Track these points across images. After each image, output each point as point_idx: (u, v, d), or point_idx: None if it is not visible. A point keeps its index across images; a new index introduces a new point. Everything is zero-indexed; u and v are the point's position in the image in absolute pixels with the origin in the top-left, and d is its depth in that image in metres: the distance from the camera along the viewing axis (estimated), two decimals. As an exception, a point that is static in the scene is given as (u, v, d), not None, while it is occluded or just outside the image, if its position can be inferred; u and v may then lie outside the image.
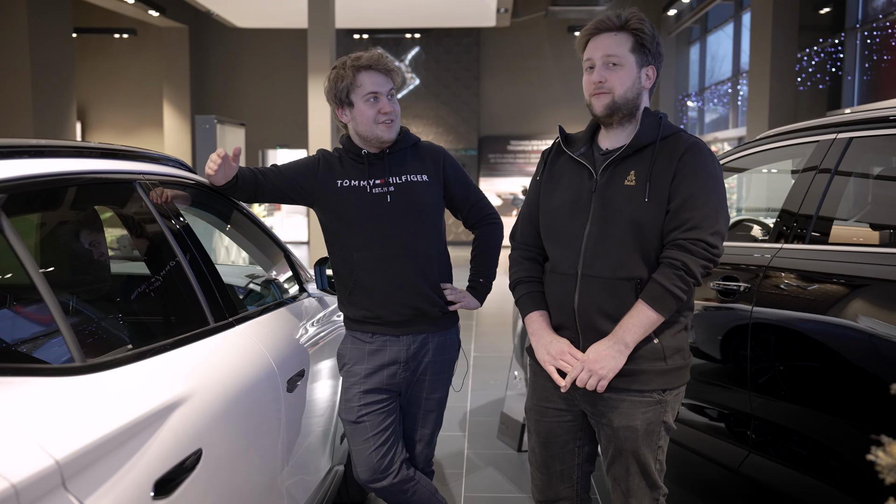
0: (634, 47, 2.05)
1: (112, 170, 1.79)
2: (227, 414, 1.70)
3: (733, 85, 14.44)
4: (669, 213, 1.99)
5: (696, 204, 1.97)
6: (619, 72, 2.04)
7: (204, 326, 1.84)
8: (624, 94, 2.05)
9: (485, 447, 4.33)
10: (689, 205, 1.97)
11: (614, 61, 2.04)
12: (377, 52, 2.50)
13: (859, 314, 2.45)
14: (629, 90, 2.05)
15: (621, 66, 2.04)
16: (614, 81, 2.04)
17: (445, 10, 14.49)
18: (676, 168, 2.00)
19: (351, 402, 2.51)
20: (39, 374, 1.25)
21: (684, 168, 1.99)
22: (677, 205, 1.98)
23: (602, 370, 1.98)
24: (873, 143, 2.76)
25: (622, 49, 2.04)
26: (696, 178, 1.98)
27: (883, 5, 9.64)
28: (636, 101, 2.07)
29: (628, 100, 2.06)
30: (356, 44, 17.53)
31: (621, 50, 2.04)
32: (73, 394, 1.27)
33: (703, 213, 1.96)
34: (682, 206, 1.97)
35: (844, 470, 2.47)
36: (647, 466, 2.07)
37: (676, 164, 2.00)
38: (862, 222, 2.98)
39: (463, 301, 2.61)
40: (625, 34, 2.05)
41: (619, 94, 2.05)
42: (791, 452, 2.71)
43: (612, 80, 2.04)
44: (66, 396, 1.25)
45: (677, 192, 1.98)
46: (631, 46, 2.04)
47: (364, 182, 2.50)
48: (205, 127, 8.88)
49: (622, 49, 2.04)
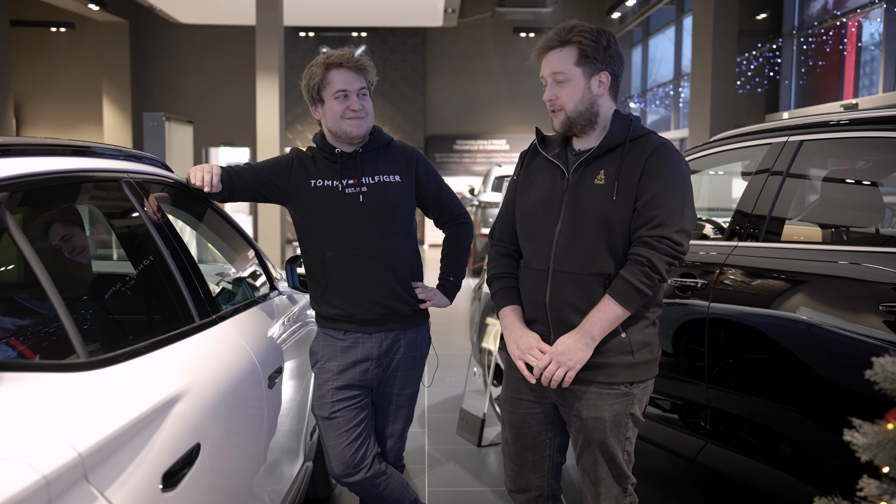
0: (579, 60, 2.11)
1: (99, 168, 1.79)
2: (220, 409, 1.73)
3: (675, 87, 14.81)
4: (636, 210, 2.08)
5: (661, 202, 2.05)
6: (566, 87, 2.12)
7: (191, 324, 1.86)
8: (575, 108, 2.13)
9: (445, 443, 4.40)
10: (654, 203, 2.05)
11: (559, 78, 2.13)
12: (349, 51, 2.53)
13: (807, 308, 2.60)
14: (579, 103, 2.13)
15: (568, 81, 2.12)
16: (564, 98, 2.13)
17: (393, 10, 14.51)
18: (644, 167, 2.08)
19: (324, 398, 2.55)
20: (48, 370, 1.27)
21: (651, 167, 2.08)
22: (643, 203, 2.06)
23: (569, 362, 2.05)
24: (822, 146, 2.92)
25: (566, 64, 2.11)
26: (662, 177, 2.07)
27: (818, 13, 10.04)
28: (591, 111, 2.14)
29: (581, 112, 2.14)
30: (302, 42, 17.42)
31: (566, 65, 2.11)
32: (81, 389, 1.29)
33: (668, 211, 2.05)
34: (647, 204, 2.06)
35: (796, 455, 2.61)
36: (614, 457, 2.15)
37: (644, 163, 2.08)
38: (812, 222, 3.14)
39: (434, 299, 2.66)
40: (569, 48, 2.12)
41: (570, 108, 2.13)
42: (745, 441, 2.84)
43: (562, 97, 2.13)
44: (76, 392, 1.27)
45: (644, 191, 2.07)
46: (575, 59, 2.11)
47: (337, 182, 2.53)
48: (153, 124, 8.73)
49: (566, 64, 2.11)
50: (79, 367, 1.33)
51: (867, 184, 3.12)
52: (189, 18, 15.40)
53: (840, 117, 2.82)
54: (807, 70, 10.11)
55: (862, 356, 2.39)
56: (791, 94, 10.40)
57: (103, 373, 1.37)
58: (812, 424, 2.56)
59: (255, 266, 2.84)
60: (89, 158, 1.80)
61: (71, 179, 1.65)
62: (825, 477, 2.49)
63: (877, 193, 3.06)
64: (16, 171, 1.42)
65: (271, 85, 10.29)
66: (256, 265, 2.84)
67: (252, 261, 2.83)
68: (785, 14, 10.50)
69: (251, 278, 2.77)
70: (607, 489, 2.16)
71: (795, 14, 10.43)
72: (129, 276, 1.95)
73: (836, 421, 2.46)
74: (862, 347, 2.39)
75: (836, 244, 2.91)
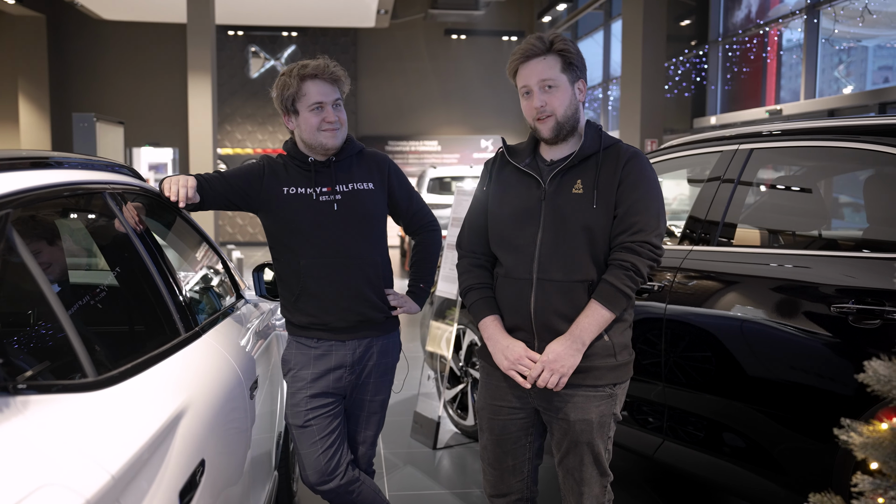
0: (564, 67, 2.18)
1: (83, 181, 1.75)
2: (217, 423, 1.71)
3: (604, 90, 15.15)
4: (617, 217, 2.15)
5: (640, 209, 2.14)
6: (556, 93, 2.18)
7: (177, 337, 1.84)
8: (564, 112, 2.19)
9: (400, 446, 4.41)
10: (634, 210, 2.14)
11: (549, 84, 2.18)
12: (323, 61, 2.52)
13: (758, 309, 2.73)
14: (568, 108, 2.19)
15: (557, 87, 2.18)
16: (554, 103, 2.18)
17: (324, 10, 14.40)
18: (621, 176, 2.16)
19: (298, 406, 2.54)
20: (63, 391, 1.24)
21: (628, 176, 2.16)
22: (624, 210, 2.14)
23: (562, 368, 2.10)
24: (772, 154, 3.06)
25: (554, 71, 2.18)
26: (639, 185, 2.16)
27: (742, 21, 10.44)
28: (576, 116, 2.22)
29: (569, 117, 2.20)
30: (231, 41, 17.10)
31: (553, 72, 2.17)
32: (96, 409, 1.27)
33: (647, 217, 2.14)
34: (627, 211, 2.14)
35: (751, 449, 2.74)
36: (599, 455, 2.22)
37: (621, 172, 2.16)
38: (761, 227, 3.28)
39: (405, 306, 2.68)
40: (553, 56, 2.18)
41: (561, 113, 2.19)
42: (701, 437, 2.96)
43: (553, 103, 2.18)
44: (92, 412, 1.25)
45: (623, 199, 2.15)
46: (560, 67, 2.18)
47: (311, 190, 2.52)
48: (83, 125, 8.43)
49: (554, 71, 2.18)
50: (90, 386, 1.31)
51: (811, 190, 3.29)
52: (112, 15, 14.94)
53: (789, 127, 2.97)
54: (732, 76, 10.51)
55: (812, 353, 2.54)
56: (717, 99, 10.78)
57: (113, 391, 1.35)
58: (765, 419, 2.69)
59: (223, 275, 2.80)
60: (70, 171, 1.75)
61: (57, 194, 1.61)
62: (777, 468, 2.62)
63: (820, 199, 3.22)
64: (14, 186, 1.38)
65: (203, 85, 10.09)
66: (224, 274, 2.81)
67: (219, 269, 2.80)
68: (710, 21, 10.88)
69: (220, 287, 2.73)
70: (590, 488, 2.23)
71: (720, 21, 10.82)
72: (119, 290, 1.91)
73: (788, 415, 2.60)
74: (812, 345, 2.54)
75: (785, 248, 3.05)
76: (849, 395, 2.41)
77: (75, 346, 1.32)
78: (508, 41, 18.01)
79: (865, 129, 2.68)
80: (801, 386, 2.58)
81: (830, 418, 2.46)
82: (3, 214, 1.28)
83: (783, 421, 2.64)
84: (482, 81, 17.98)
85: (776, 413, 2.66)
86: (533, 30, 17.83)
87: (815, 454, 2.51)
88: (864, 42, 8.88)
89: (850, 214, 4.25)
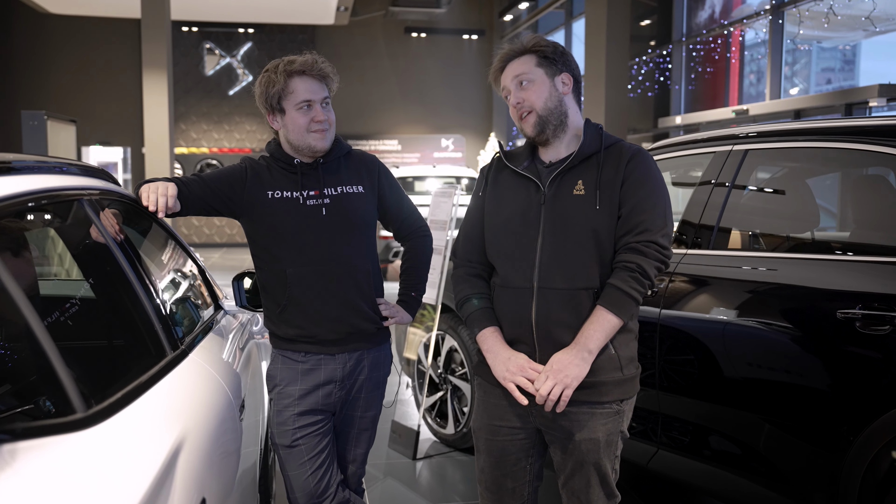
0: (539, 62, 2.10)
1: (58, 187, 1.57)
2: (214, 455, 1.55)
3: (565, 90, 15.15)
4: (622, 217, 2.03)
5: (645, 207, 2.02)
6: (531, 87, 2.09)
7: (164, 357, 1.67)
8: (545, 105, 2.09)
9: (378, 457, 4.26)
10: (639, 209, 2.02)
11: (523, 79, 2.10)
12: (311, 57, 2.36)
13: (756, 314, 2.66)
14: (548, 100, 2.09)
15: (532, 81, 2.09)
16: (531, 97, 2.09)
17: (283, 6, 14.13)
18: (624, 174, 2.05)
19: (285, 425, 2.38)
20: (54, 432, 1.07)
21: (632, 174, 2.05)
22: (629, 209, 2.03)
23: (567, 378, 1.96)
24: (768, 155, 2.99)
25: (527, 66, 2.10)
26: (644, 183, 2.04)
27: (706, 21, 10.49)
28: (561, 109, 2.11)
29: (551, 110, 2.09)
30: (185, 37, 16.69)
31: (526, 67, 2.10)
32: (90, 451, 1.10)
33: (652, 217, 2.02)
34: (633, 210, 2.02)
35: (752, 458, 2.67)
36: (606, 476, 2.10)
37: (624, 170, 2.05)
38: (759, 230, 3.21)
39: (397, 316, 2.54)
40: (528, 55, 2.11)
41: (540, 106, 2.09)
42: (698, 446, 2.88)
43: (529, 96, 2.09)
44: (86, 455, 1.08)
45: (627, 198, 2.03)
46: (535, 62, 2.10)
47: (297, 193, 2.37)
48: (32, 123, 8.05)
49: (527, 66, 2.10)
50: (80, 424, 1.14)
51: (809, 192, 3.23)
52: (59, 8, 14.44)
53: (785, 127, 2.91)
54: (696, 76, 10.56)
55: (817, 360, 2.48)
56: (681, 98, 10.83)
57: (105, 428, 1.18)
58: (767, 427, 2.62)
59: (202, 285, 2.62)
60: (42, 176, 1.57)
61: (29, 203, 1.44)
62: (780, 477, 2.56)
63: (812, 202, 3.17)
64: None
65: (159, 82, 9.80)
66: (202, 284, 2.63)
67: (198, 279, 2.62)
68: (674, 21, 10.93)
69: (199, 299, 2.55)
70: None
71: (684, 22, 10.87)
72: (99, 306, 1.73)
73: (791, 423, 2.54)
74: (816, 352, 2.48)
75: (784, 252, 2.98)
76: (856, 401, 2.35)
77: (60, 374, 1.15)
78: (469, 40, 17.92)
79: (865, 130, 2.62)
80: (806, 393, 2.51)
81: (837, 426, 2.41)
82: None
83: (787, 429, 2.57)
84: (442, 80, 17.86)
85: (779, 421, 2.59)
86: (493, 28, 17.76)
87: (821, 463, 2.44)
88: (824, 44, 9.01)
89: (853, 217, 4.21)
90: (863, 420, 2.30)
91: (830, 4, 7.70)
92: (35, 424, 1.07)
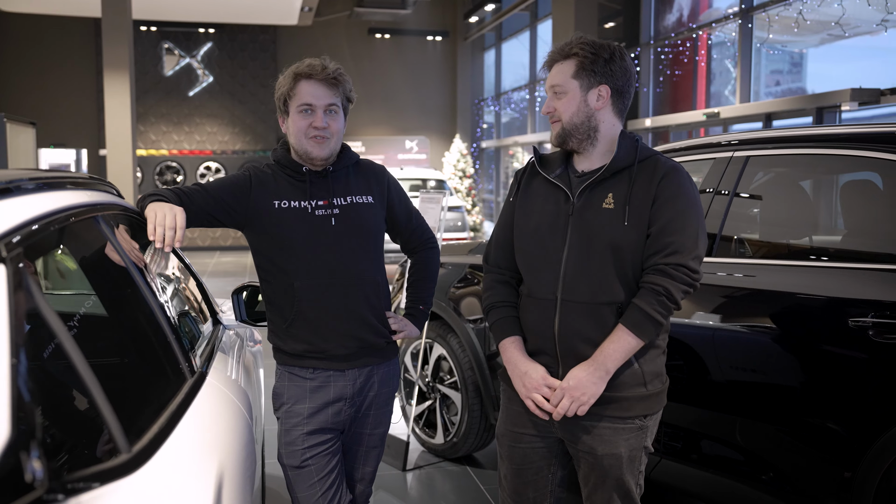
0: (577, 72, 2.04)
1: (74, 205, 1.46)
2: (244, 482, 1.46)
3: (531, 91, 15.17)
4: (650, 237, 1.99)
5: (676, 228, 1.97)
6: (563, 99, 2.06)
7: (184, 382, 1.58)
8: (570, 119, 2.05)
9: (367, 468, 4.17)
10: (669, 229, 1.97)
11: (556, 90, 2.07)
12: (322, 61, 2.27)
13: (763, 322, 2.64)
14: (574, 115, 2.05)
15: (564, 93, 2.06)
16: (561, 109, 2.07)
17: (245, 6, 13.90)
18: (656, 192, 2.00)
19: (293, 445, 2.29)
20: (108, 480, 0.98)
21: (664, 192, 1.99)
22: (658, 229, 1.98)
23: (583, 396, 1.95)
24: (770, 161, 2.98)
25: (564, 76, 2.06)
26: (676, 202, 1.99)
27: (673, 24, 10.57)
28: (589, 125, 2.06)
29: (576, 125, 2.05)
30: (144, 37, 16.32)
31: (563, 77, 2.06)
32: (144, 496, 1.01)
33: (683, 238, 1.97)
34: (662, 230, 1.98)
35: (760, 468, 2.65)
36: (630, 493, 2.07)
37: (656, 187, 2.00)
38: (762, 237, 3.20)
39: (406, 329, 2.47)
40: (569, 60, 2.06)
41: (566, 120, 2.06)
42: (704, 456, 2.85)
43: (560, 109, 2.07)
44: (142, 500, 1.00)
45: (658, 217, 1.98)
46: (573, 72, 2.04)
47: (305, 203, 2.28)
48: (-9, 126, 7.78)
49: (564, 76, 2.06)
50: (128, 467, 1.05)
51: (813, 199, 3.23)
52: (12, 6, 13.97)
53: (787, 133, 2.89)
54: (664, 79, 10.64)
55: (828, 368, 2.47)
56: (649, 101, 10.90)
57: (151, 469, 1.09)
58: (776, 436, 2.60)
59: (201, 300, 2.51)
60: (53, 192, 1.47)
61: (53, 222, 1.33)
62: (790, 487, 2.55)
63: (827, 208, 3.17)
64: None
65: (121, 83, 9.54)
66: (201, 298, 2.52)
67: (196, 294, 2.51)
68: (641, 24, 10.99)
69: (200, 315, 2.45)
70: None
71: (651, 25, 10.95)
72: (120, 330, 1.62)
73: (802, 432, 2.52)
74: (828, 360, 2.46)
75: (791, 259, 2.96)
76: (869, 410, 2.34)
77: (104, 412, 1.06)
78: (433, 41, 17.84)
79: (868, 137, 2.62)
80: (817, 402, 2.50)
81: (850, 434, 2.40)
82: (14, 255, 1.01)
83: (797, 438, 2.56)
84: (406, 81, 17.75)
85: (788, 430, 2.57)
86: (458, 30, 17.71)
87: (834, 472, 2.43)
88: (790, 47, 9.14)
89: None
90: (878, 428, 2.29)
91: (800, 9, 7.81)
92: (85, 474, 0.97)
